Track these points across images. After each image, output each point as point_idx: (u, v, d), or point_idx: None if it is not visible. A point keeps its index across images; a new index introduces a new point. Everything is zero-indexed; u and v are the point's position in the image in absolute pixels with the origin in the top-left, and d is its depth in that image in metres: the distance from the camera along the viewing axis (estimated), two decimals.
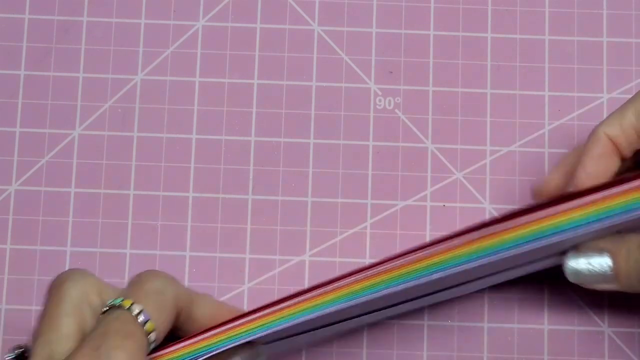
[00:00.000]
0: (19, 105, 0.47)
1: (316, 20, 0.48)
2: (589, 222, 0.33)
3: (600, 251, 0.36)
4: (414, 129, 0.47)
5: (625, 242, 0.36)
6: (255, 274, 0.45)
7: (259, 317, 0.33)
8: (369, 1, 0.48)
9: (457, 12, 0.48)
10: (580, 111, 0.47)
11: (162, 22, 0.48)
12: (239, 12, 0.48)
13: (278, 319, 0.33)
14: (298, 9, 0.48)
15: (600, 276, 0.37)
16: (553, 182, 0.40)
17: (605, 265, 0.36)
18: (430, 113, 0.47)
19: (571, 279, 0.37)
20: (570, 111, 0.47)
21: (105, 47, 0.47)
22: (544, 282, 0.44)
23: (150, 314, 0.31)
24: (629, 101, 0.38)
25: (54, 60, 0.47)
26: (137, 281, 0.33)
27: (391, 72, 0.47)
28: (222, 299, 0.45)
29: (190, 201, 0.46)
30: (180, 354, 0.33)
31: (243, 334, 0.33)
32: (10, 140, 0.47)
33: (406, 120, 0.47)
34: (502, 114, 0.47)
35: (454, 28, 0.47)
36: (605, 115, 0.46)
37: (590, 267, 0.36)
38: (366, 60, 0.47)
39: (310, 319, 0.34)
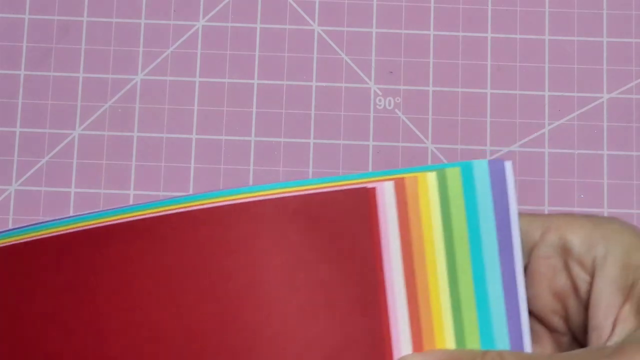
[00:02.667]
0: (19, 105, 0.47)
1: (316, 20, 0.48)
2: None
3: None
4: (414, 129, 0.47)
5: None
6: None
7: None
8: (369, 1, 0.48)
9: (457, 12, 0.48)
10: (580, 111, 0.47)
11: (162, 22, 0.48)
12: (239, 12, 0.48)
13: None
14: (298, 9, 0.48)
15: None
16: None
17: None
18: (430, 113, 0.47)
19: None
20: (570, 111, 0.47)
21: (105, 47, 0.47)
22: None
23: None
24: None
25: (54, 60, 0.47)
26: None
27: (391, 72, 0.47)
28: None
29: None
30: None
31: None
32: (10, 140, 0.47)
33: (406, 120, 0.47)
34: (502, 114, 0.47)
35: (454, 28, 0.47)
36: (605, 115, 0.46)
37: None
38: (366, 60, 0.47)
39: None
